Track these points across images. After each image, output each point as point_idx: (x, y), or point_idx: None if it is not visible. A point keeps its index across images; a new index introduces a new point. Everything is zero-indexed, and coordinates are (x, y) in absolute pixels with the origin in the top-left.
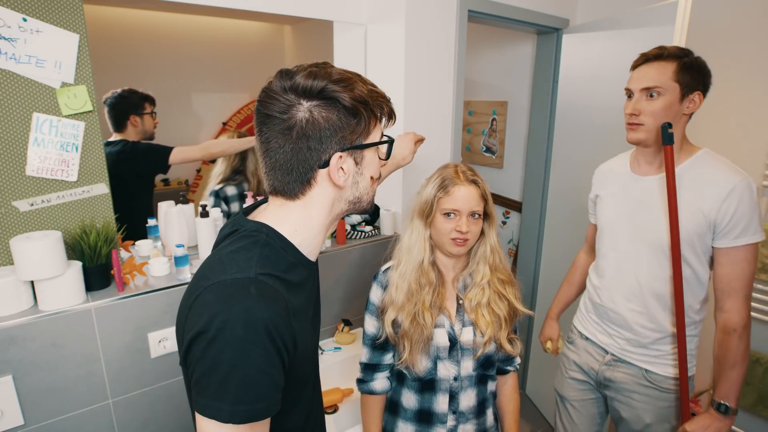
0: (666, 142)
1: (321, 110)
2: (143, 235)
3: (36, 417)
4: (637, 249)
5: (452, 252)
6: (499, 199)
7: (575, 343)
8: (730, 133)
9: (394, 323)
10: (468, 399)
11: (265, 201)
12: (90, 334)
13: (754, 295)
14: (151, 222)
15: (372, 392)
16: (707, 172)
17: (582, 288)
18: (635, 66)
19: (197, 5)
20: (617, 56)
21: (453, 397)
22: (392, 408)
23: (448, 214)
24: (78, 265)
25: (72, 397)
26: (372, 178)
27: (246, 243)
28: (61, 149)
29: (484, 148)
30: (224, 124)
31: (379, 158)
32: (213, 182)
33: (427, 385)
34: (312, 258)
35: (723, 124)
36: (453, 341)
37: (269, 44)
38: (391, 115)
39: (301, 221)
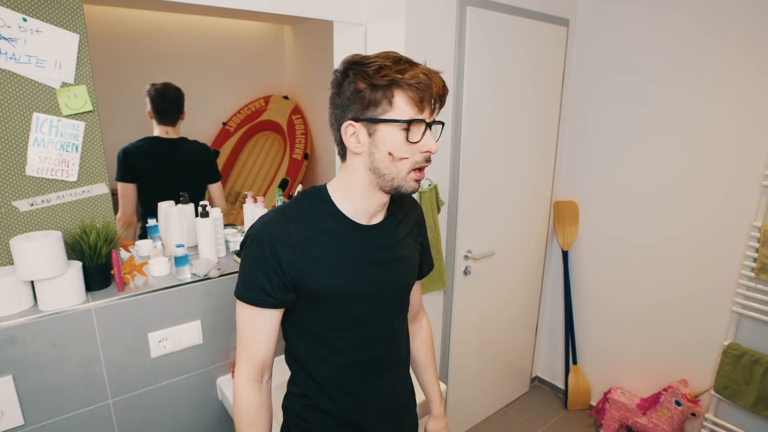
0: None
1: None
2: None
3: (36, 417)
4: None
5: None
6: None
7: None
8: (729, 133)
9: None
10: None
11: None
12: (90, 334)
13: (754, 295)
14: (151, 222)
15: None
16: None
17: None
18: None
19: (197, 5)
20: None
21: None
22: None
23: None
24: (78, 265)
25: (72, 397)
26: (391, 154)
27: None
28: (61, 149)
29: None
30: (224, 124)
31: (408, 140)
32: None
33: None
34: (358, 220)
35: (722, 124)
36: None
37: (269, 44)
38: (423, 98)
39: (341, 181)
